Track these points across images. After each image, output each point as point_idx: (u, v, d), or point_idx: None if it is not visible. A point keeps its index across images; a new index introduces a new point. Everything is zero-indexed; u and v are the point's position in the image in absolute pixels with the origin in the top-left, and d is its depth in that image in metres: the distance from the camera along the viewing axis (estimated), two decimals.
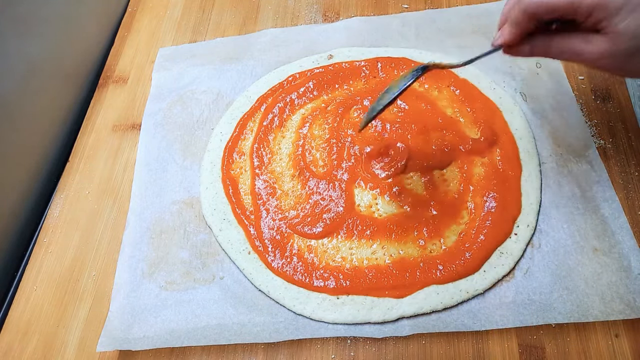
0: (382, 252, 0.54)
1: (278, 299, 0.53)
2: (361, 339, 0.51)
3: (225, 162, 0.63)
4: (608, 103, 0.62)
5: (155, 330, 0.53)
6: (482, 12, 0.71)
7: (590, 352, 0.48)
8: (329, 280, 0.53)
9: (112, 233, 0.62)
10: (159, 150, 0.67)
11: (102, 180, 0.66)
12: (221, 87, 0.71)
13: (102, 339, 0.52)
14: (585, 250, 0.52)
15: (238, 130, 0.66)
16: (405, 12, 0.74)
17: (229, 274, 0.56)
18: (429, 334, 0.50)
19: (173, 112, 0.70)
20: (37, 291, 0.59)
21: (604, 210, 0.54)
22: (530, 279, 0.51)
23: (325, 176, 0.60)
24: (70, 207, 0.65)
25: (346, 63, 0.69)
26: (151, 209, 0.62)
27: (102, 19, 0.82)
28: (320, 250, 0.55)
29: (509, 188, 0.56)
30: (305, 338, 0.51)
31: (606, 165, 0.57)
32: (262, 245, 0.56)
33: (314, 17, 0.78)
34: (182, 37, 0.79)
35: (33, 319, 0.57)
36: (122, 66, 0.78)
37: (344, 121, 0.64)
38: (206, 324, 0.53)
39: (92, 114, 0.73)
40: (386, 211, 0.57)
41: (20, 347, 0.55)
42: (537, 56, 0.45)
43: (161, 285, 0.56)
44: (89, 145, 0.70)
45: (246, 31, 0.78)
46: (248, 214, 0.59)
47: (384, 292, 0.52)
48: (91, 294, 0.58)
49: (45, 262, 0.61)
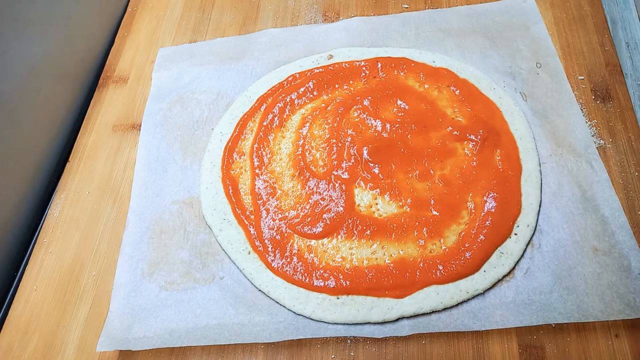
0: (382, 252, 0.54)
1: (278, 299, 0.53)
2: (361, 339, 0.51)
3: (225, 162, 0.63)
4: (608, 103, 0.62)
5: (155, 330, 0.53)
6: (482, 12, 0.71)
7: (590, 352, 0.48)
8: (329, 280, 0.53)
9: (112, 233, 0.62)
10: (159, 150, 0.67)
11: (102, 180, 0.66)
12: (221, 87, 0.71)
13: (102, 339, 0.52)
14: (585, 250, 0.52)
15: (238, 130, 0.66)
16: (405, 12, 0.74)
17: (229, 274, 0.56)
18: (429, 334, 0.50)
19: (173, 112, 0.70)
20: (37, 291, 0.59)
21: (604, 210, 0.54)
22: (530, 279, 0.51)
23: (325, 176, 0.60)
24: (70, 207, 0.65)
25: (346, 63, 0.69)
26: (151, 209, 0.62)
27: (102, 19, 0.82)
28: (320, 250, 0.55)
29: (509, 188, 0.56)
30: (305, 338, 0.51)
31: (606, 165, 0.57)
32: (262, 245, 0.56)
33: (314, 17, 0.78)
34: (182, 37, 0.79)
35: (33, 319, 0.57)
36: (122, 66, 0.78)
37: (344, 121, 0.64)
38: (206, 324, 0.53)
39: (92, 114, 0.73)
40: (386, 211, 0.57)
41: (20, 346, 0.55)
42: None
43: (161, 285, 0.56)
44: (89, 146, 0.70)
45: (246, 31, 0.78)
46: (248, 214, 0.59)
47: (384, 292, 0.52)
48: (91, 294, 0.58)
49: (45, 262, 0.61)
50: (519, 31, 0.68)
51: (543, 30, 0.68)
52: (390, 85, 0.66)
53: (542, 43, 0.67)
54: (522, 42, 0.67)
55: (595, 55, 0.66)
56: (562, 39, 0.68)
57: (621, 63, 0.65)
